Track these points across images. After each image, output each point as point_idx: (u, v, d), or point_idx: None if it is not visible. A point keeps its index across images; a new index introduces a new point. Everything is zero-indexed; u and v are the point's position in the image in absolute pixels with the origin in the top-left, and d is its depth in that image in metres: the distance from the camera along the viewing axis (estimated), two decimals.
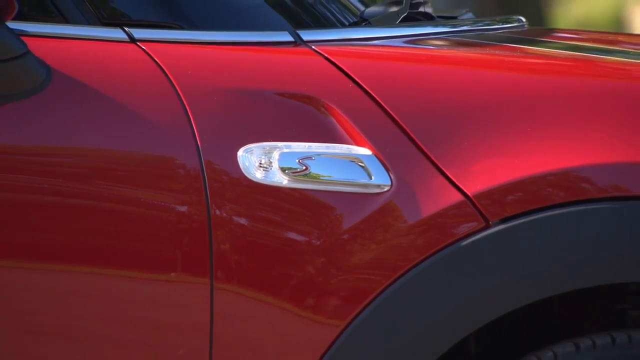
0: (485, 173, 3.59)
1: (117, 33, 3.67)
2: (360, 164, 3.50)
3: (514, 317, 3.64)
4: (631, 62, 4.21)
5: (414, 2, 4.46)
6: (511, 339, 3.90)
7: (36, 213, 3.73)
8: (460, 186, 3.51)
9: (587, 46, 4.63)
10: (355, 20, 4.28)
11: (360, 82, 3.64)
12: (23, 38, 3.55)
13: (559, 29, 6.76)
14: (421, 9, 4.51)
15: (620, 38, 5.69)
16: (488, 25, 4.77)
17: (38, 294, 3.73)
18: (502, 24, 4.82)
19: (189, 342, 3.70)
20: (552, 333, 3.77)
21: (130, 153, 3.71)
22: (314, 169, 3.54)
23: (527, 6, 18.68)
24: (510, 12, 13.02)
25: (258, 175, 3.51)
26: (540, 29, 6.63)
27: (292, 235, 3.59)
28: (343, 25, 4.27)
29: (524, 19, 4.99)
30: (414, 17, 4.38)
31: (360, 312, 3.52)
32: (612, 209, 3.52)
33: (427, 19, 4.49)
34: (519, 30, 4.72)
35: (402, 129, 3.61)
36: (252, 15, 4.24)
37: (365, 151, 3.50)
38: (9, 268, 3.73)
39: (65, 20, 3.74)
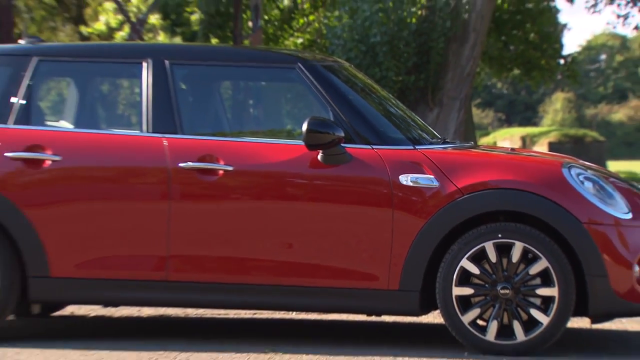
0: (464, 182, 5.60)
1: (368, 146, 5.73)
2: (430, 179, 5.64)
3: (473, 222, 5.58)
4: (508, 154, 6.31)
5: (446, 139, 6.40)
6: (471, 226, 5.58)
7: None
8: (457, 185, 5.60)
9: (491, 149, 6.60)
10: (432, 141, 6.15)
11: (431, 159, 5.68)
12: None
13: (481, 145, 7.64)
14: (446, 140, 6.40)
15: (498, 148, 6.87)
16: (463, 144, 6.73)
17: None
18: (468, 143, 6.93)
19: (383, 232, 5.66)
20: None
21: (363, 176, 5.69)
22: (420, 181, 5.64)
23: (471, 138, 20.43)
24: (469, 139, 14.95)
25: (404, 182, 5.64)
26: (477, 144, 7.57)
27: (413, 198, 5.62)
28: (428, 143, 6.02)
29: (473, 142, 6.38)
30: (445, 142, 6.30)
31: (429, 218, 5.58)
32: (500, 191, 5.60)
33: (448, 143, 6.35)
34: (472, 145, 6.70)
35: (441, 171, 5.63)
36: (396, 138, 5.91)
37: (431, 176, 5.64)
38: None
39: (360, 142, 5.71)
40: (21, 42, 6.40)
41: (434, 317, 6.50)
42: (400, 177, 5.69)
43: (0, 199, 5.82)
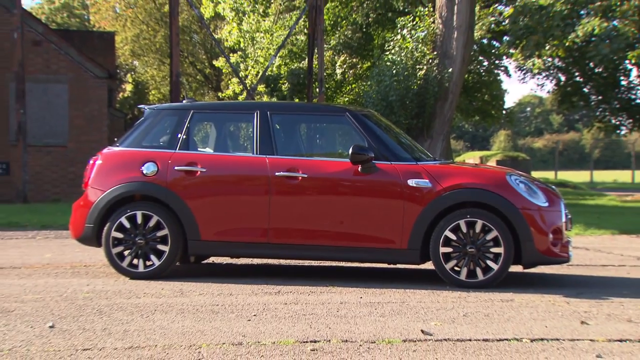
0: (447, 184, 5.35)
1: (388, 162, 5.39)
2: (426, 182, 5.39)
3: (452, 208, 5.33)
4: (473, 167, 5.84)
5: (435, 158, 5.96)
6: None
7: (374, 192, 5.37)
8: (443, 186, 5.34)
9: (462, 164, 6.08)
10: (427, 159, 5.78)
11: (426, 169, 5.41)
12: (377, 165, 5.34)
13: (456, 162, 6.40)
14: (435, 159, 5.96)
15: (466, 164, 6.26)
16: (445, 161, 6.21)
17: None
18: (448, 160, 6.36)
19: (397, 214, 5.35)
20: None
21: (386, 180, 5.31)
22: (420, 183, 5.38)
23: (450, 158, 20.20)
24: (448, 158, 14.83)
25: (410, 184, 5.35)
26: (454, 161, 6.74)
27: (416, 193, 5.34)
28: (425, 160, 5.65)
29: (453, 159, 6.49)
30: (434, 159, 5.89)
31: (426, 206, 5.30)
32: (469, 190, 5.33)
33: (436, 160, 5.93)
34: (451, 162, 6.20)
35: (433, 177, 5.38)
36: (405, 157, 5.58)
37: (427, 180, 5.39)
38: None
39: (384, 160, 5.44)
40: (184, 102, 6.30)
41: (428, 265, 6.33)
42: (408, 180, 5.47)
43: (172, 195, 5.70)
